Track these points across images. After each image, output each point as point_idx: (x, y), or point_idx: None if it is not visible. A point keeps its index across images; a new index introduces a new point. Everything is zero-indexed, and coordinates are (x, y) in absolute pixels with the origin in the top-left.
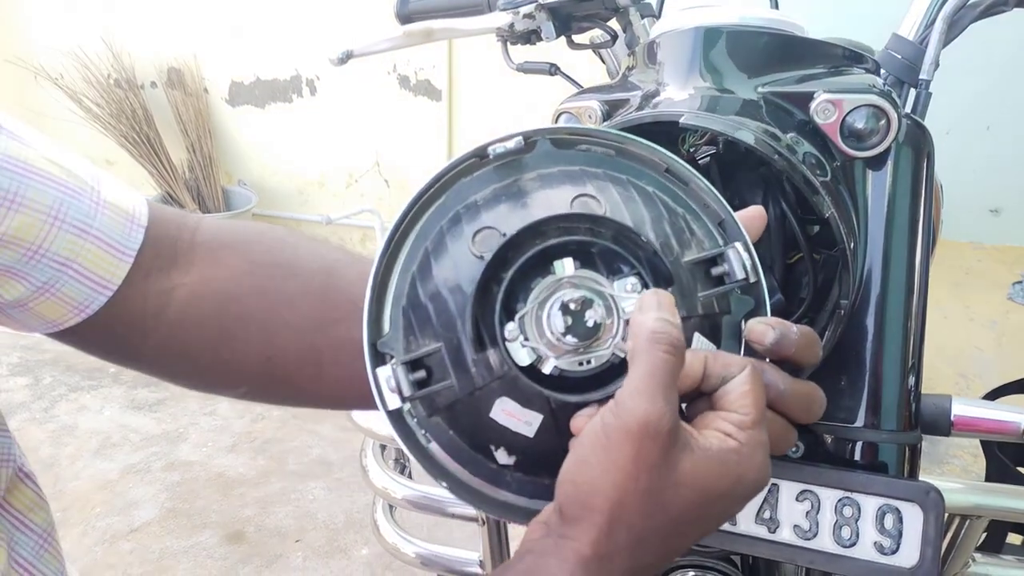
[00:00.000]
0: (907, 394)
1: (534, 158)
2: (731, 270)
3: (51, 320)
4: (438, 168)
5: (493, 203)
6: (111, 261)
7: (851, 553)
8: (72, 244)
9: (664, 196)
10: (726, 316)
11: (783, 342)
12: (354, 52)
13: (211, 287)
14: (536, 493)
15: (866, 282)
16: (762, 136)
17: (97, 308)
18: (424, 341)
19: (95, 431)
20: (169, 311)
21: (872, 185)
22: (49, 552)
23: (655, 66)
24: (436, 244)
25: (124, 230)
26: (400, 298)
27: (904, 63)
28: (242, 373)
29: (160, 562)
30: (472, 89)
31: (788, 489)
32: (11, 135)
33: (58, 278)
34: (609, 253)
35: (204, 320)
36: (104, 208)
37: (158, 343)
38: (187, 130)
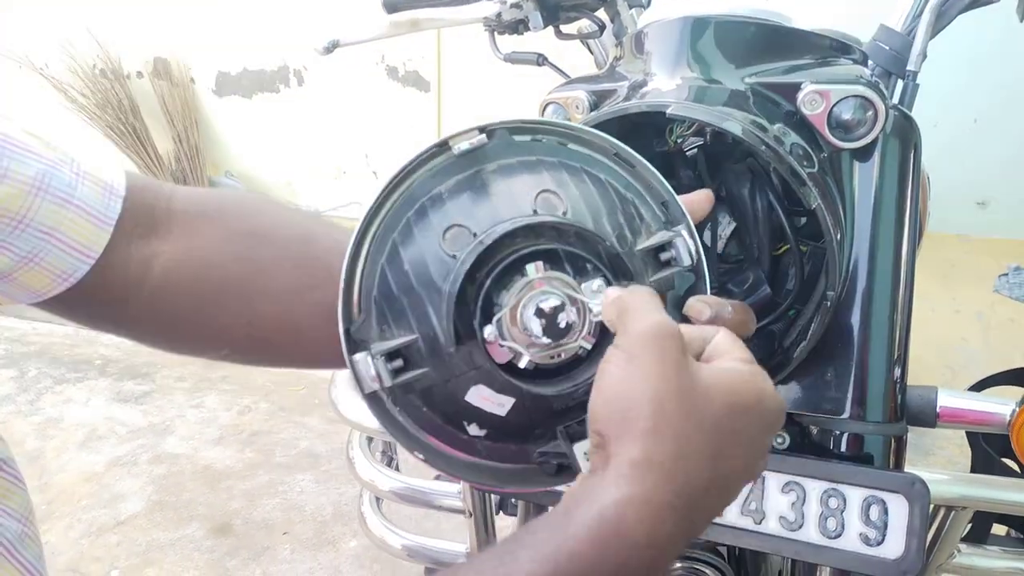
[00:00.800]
0: (893, 386)
1: (494, 148)
2: (678, 256)
3: (36, 290)
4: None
5: (458, 195)
6: (92, 230)
7: (837, 544)
8: (55, 214)
9: (615, 183)
10: (670, 291)
11: (717, 319)
12: (340, 42)
13: (190, 255)
14: (504, 457)
15: (852, 273)
16: (749, 127)
17: (80, 276)
18: (399, 331)
19: (81, 423)
20: (150, 278)
21: (859, 176)
22: (28, 537)
23: (643, 56)
24: (404, 236)
25: (104, 199)
26: (370, 288)
27: (892, 54)
28: (223, 337)
29: (147, 555)
30: (461, 80)
31: (774, 480)
32: None
33: (42, 247)
34: (574, 259)
35: (184, 287)
36: (84, 179)
37: (140, 309)
38: (173, 121)
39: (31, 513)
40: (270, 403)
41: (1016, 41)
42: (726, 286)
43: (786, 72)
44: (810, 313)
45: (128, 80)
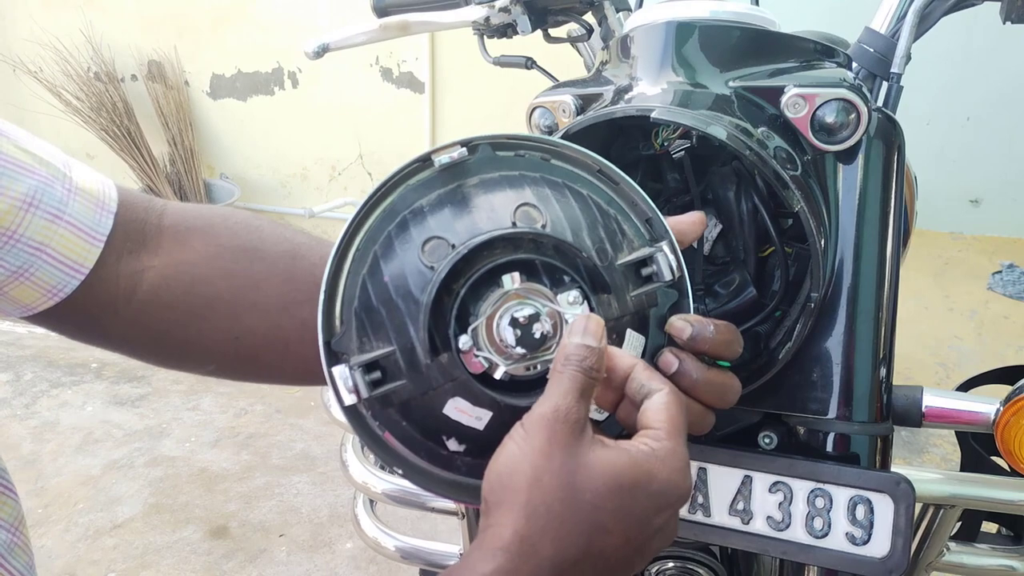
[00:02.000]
0: (878, 386)
1: (476, 163)
2: (659, 271)
3: (25, 304)
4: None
5: (438, 209)
6: (83, 246)
7: (823, 544)
8: (46, 229)
9: (597, 198)
10: (653, 308)
11: (698, 337)
12: (330, 45)
13: (179, 269)
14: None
15: (837, 275)
16: (733, 131)
17: (70, 291)
18: (378, 344)
19: (77, 427)
20: (139, 293)
21: (843, 179)
22: (18, 546)
23: (628, 60)
24: (385, 249)
25: (95, 215)
26: (351, 299)
27: (876, 56)
28: (210, 352)
29: (143, 558)
30: (455, 81)
31: (761, 481)
32: None
33: (32, 263)
34: (552, 270)
35: (173, 301)
36: (76, 195)
37: (129, 323)
38: (168, 123)
39: (22, 522)
40: (266, 405)
41: (1008, 40)
42: (712, 287)
43: (770, 76)
44: (795, 314)
45: (122, 83)
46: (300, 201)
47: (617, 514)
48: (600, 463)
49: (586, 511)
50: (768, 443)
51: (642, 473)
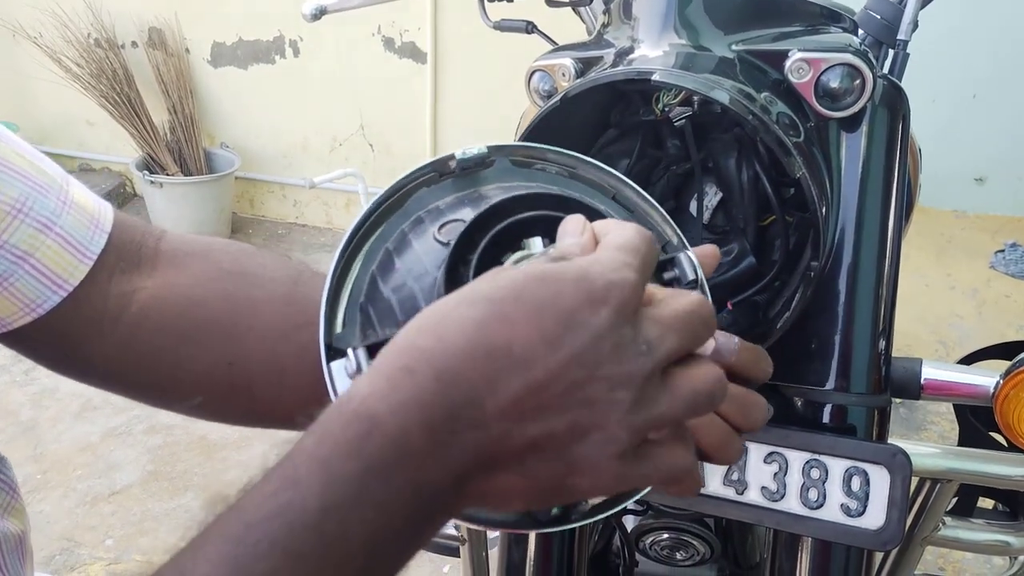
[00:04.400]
0: (877, 357)
1: (493, 173)
2: (682, 273)
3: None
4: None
5: (457, 206)
6: (71, 261)
7: (818, 515)
8: (32, 238)
9: (615, 215)
10: None
11: (723, 351)
12: (327, 7)
13: (174, 291)
14: None
15: (838, 245)
16: (736, 96)
17: (49, 308)
18: (384, 330)
19: (76, 394)
20: (129, 313)
21: (846, 146)
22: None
23: (630, 22)
24: (398, 244)
25: (88, 232)
26: (357, 297)
27: (882, 23)
28: (201, 380)
29: (141, 524)
30: (457, 52)
31: (756, 451)
32: None
33: (13, 271)
34: None
35: (165, 323)
36: (70, 208)
37: (114, 347)
38: (168, 91)
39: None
40: None
41: (1016, 17)
42: None
43: (774, 40)
44: (795, 283)
45: (122, 50)
46: (300, 171)
47: (519, 302)
48: (509, 270)
49: (478, 304)
50: (744, 448)
51: (557, 267)
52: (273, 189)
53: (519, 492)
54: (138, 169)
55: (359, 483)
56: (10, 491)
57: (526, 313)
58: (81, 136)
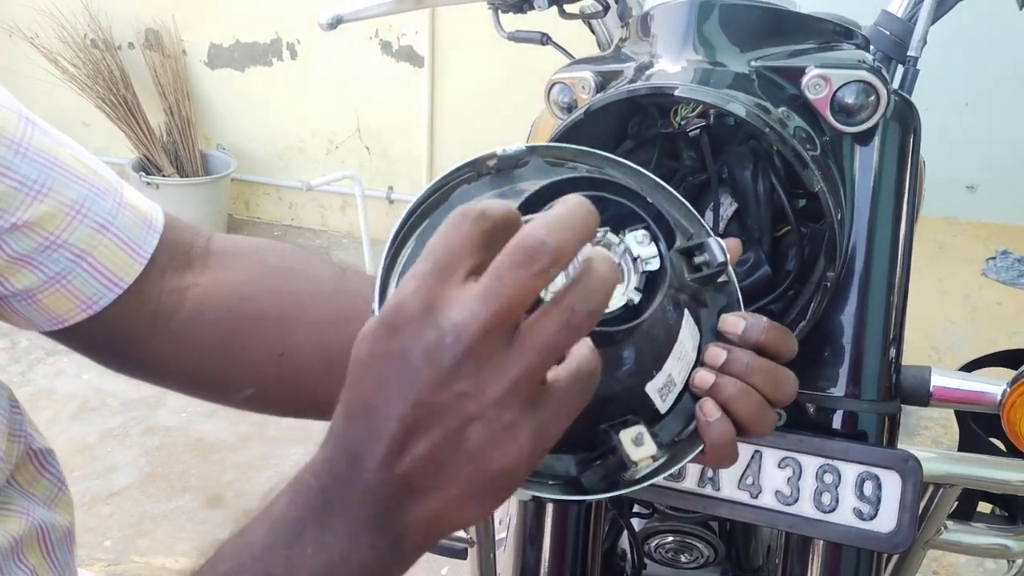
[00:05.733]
0: (888, 365)
1: (528, 172)
2: (711, 257)
3: (57, 315)
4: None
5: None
6: (126, 260)
7: (831, 518)
8: (90, 238)
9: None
10: (704, 309)
11: (752, 330)
12: (344, 17)
13: (225, 287)
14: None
15: (851, 255)
16: (754, 109)
17: (105, 305)
18: None
19: (73, 395)
20: (182, 310)
21: (859, 160)
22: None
23: (649, 38)
24: None
25: (142, 232)
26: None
27: (893, 40)
28: (252, 372)
29: (139, 525)
30: (454, 56)
31: (771, 456)
32: (44, 132)
33: (71, 270)
34: (619, 217)
35: (217, 318)
36: (125, 209)
37: (167, 344)
38: (165, 93)
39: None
40: None
41: (1010, 26)
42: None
43: (790, 56)
44: (809, 293)
45: (119, 51)
46: (297, 174)
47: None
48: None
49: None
50: (778, 419)
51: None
52: (269, 191)
53: (463, 501)
54: (134, 170)
55: (296, 526)
56: (59, 483)
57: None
58: (77, 137)
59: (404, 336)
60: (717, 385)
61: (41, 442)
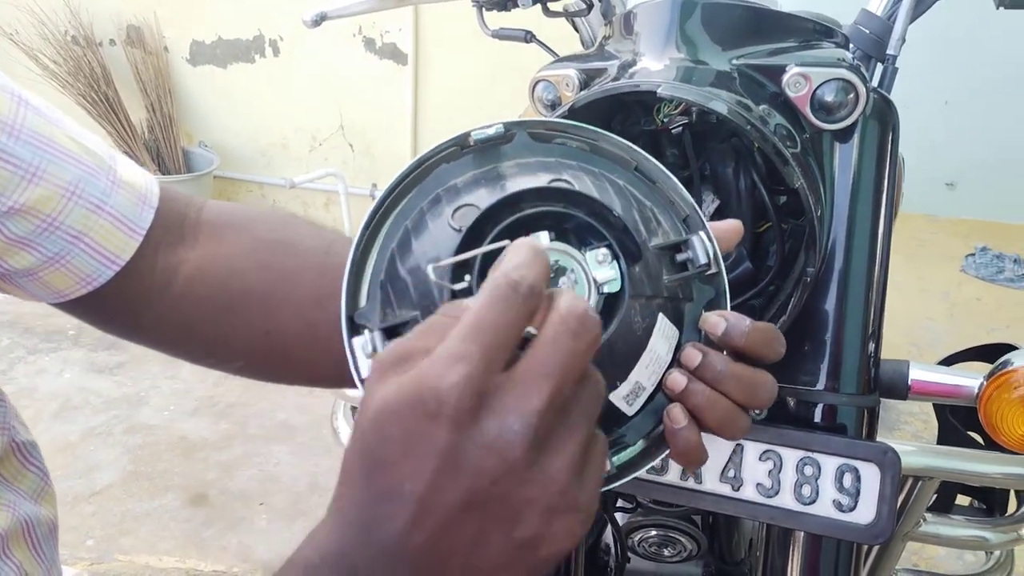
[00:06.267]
0: (867, 359)
1: (513, 148)
2: (694, 256)
3: (57, 290)
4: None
5: (473, 186)
6: (122, 238)
7: (811, 510)
8: (86, 219)
9: (634, 190)
10: (688, 304)
11: (734, 333)
12: (328, 14)
13: (215, 262)
14: None
15: (831, 251)
16: (735, 107)
17: (104, 281)
18: (401, 311)
19: (55, 394)
20: (174, 285)
21: (839, 157)
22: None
23: (632, 36)
24: (416, 222)
25: (136, 208)
26: (378, 273)
27: (872, 38)
28: (241, 347)
29: (122, 524)
30: (438, 53)
31: (752, 449)
32: (37, 111)
33: (69, 250)
34: (582, 229)
35: (207, 294)
36: (119, 187)
37: (161, 316)
38: (147, 89)
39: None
40: None
41: (989, 25)
42: None
43: (771, 54)
44: (789, 289)
45: (100, 48)
46: (280, 171)
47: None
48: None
49: (360, 456)
50: (758, 413)
51: (404, 389)
52: (252, 188)
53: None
54: None
55: None
56: (43, 477)
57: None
58: None
59: (456, 426)
60: (687, 391)
61: (25, 435)
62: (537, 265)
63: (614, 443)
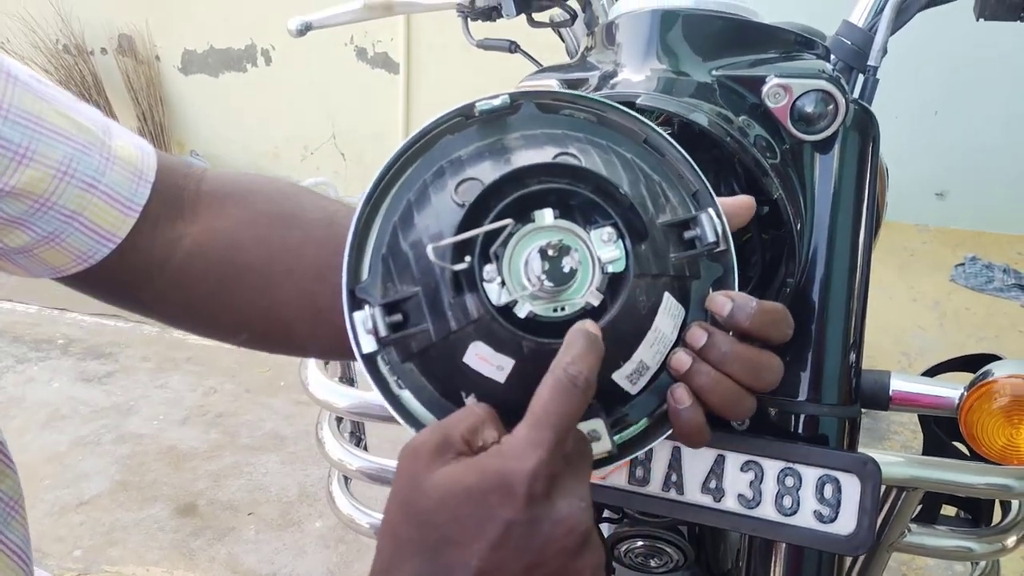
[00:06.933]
0: (848, 369)
1: (518, 120)
2: (703, 234)
3: (54, 267)
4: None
5: (477, 159)
6: (117, 216)
7: (792, 521)
8: (79, 198)
9: (642, 163)
10: (696, 281)
11: (739, 314)
12: (313, 23)
13: (215, 237)
14: None
15: (811, 261)
16: (715, 119)
17: (100, 259)
18: (402, 287)
19: (43, 403)
20: (174, 260)
21: (819, 168)
22: (16, 519)
23: (613, 47)
24: (419, 195)
25: (132, 185)
26: (380, 247)
27: (853, 49)
28: (242, 321)
29: (110, 535)
30: (430, 62)
31: (733, 460)
32: (27, 88)
33: (63, 229)
34: (588, 206)
35: (207, 269)
36: (113, 163)
37: (162, 291)
38: (138, 98)
39: (20, 496)
40: (235, 384)
41: (978, 35)
42: None
43: (751, 66)
44: (771, 299)
45: (92, 56)
46: None
47: (458, 521)
48: (442, 476)
49: (424, 527)
50: (740, 424)
51: (479, 472)
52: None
53: None
54: None
55: None
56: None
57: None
58: None
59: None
60: (692, 371)
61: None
62: (592, 357)
63: (616, 422)
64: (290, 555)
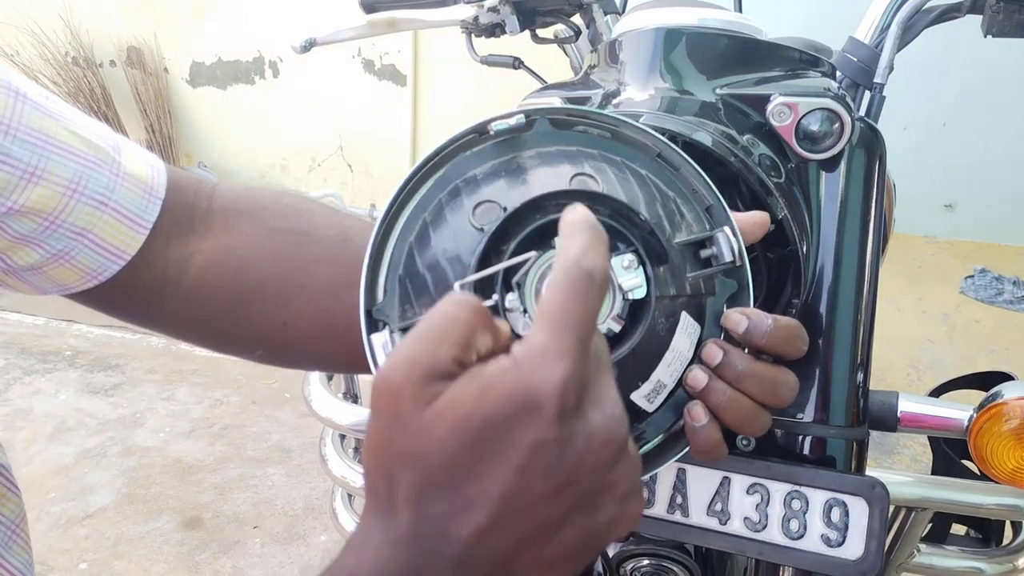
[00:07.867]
0: (855, 390)
1: (533, 137)
2: (719, 253)
3: (64, 284)
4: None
5: (492, 178)
6: (127, 232)
7: (799, 545)
8: (89, 216)
9: (656, 179)
10: (710, 298)
11: (755, 332)
12: (317, 40)
13: (228, 253)
14: None
15: (818, 281)
16: (719, 138)
17: (110, 275)
18: (420, 309)
19: (50, 415)
20: (187, 277)
21: (825, 186)
22: (17, 543)
23: (617, 65)
24: (435, 215)
25: (142, 202)
26: (396, 267)
27: (859, 66)
28: (258, 337)
29: (115, 548)
30: (437, 75)
31: (739, 482)
32: (35, 106)
33: (73, 247)
34: (607, 230)
35: (221, 286)
36: (123, 180)
37: (175, 308)
38: (146, 110)
39: (23, 520)
40: (241, 396)
41: (986, 47)
42: None
43: (756, 84)
44: None
45: (100, 69)
46: None
47: (471, 453)
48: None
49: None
50: (746, 445)
51: (494, 396)
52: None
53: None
54: None
55: None
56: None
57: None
58: None
59: (564, 422)
60: (708, 389)
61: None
62: (601, 247)
63: (634, 440)
64: (295, 569)
